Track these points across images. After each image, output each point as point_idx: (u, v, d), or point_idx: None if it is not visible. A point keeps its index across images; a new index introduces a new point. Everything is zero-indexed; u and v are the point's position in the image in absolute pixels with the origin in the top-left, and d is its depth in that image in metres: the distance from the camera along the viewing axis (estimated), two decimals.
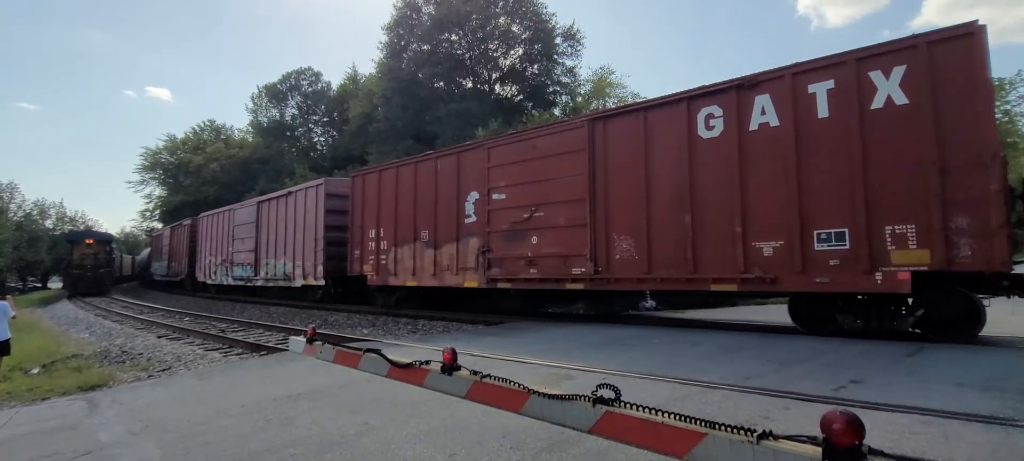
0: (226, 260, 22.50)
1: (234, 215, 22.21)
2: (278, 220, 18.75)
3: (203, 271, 25.14)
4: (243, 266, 20.95)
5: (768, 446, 1.28)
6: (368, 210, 14.21)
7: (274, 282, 18.87)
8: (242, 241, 21.22)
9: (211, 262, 24.20)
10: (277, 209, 18.89)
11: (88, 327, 14.30)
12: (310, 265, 16.55)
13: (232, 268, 21.82)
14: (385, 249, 13.60)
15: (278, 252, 18.63)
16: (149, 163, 43.81)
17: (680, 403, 4.15)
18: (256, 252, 20.08)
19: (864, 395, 4.18)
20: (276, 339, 9.93)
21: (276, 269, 18.75)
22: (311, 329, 3.60)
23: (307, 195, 17.14)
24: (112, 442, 3.94)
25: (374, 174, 14.35)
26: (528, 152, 10.59)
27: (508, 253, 10.68)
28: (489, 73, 29.68)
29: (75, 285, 29.47)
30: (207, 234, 25.01)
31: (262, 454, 3.47)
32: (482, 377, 2.20)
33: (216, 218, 24.28)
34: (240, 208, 22.18)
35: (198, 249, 26.03)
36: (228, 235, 22.36)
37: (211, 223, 24.70)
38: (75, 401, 5.49)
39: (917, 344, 6.52)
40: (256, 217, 20.25)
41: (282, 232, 18.42)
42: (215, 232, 24.01)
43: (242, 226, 21.24)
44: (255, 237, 20.16)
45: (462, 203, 11.64)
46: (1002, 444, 3.12)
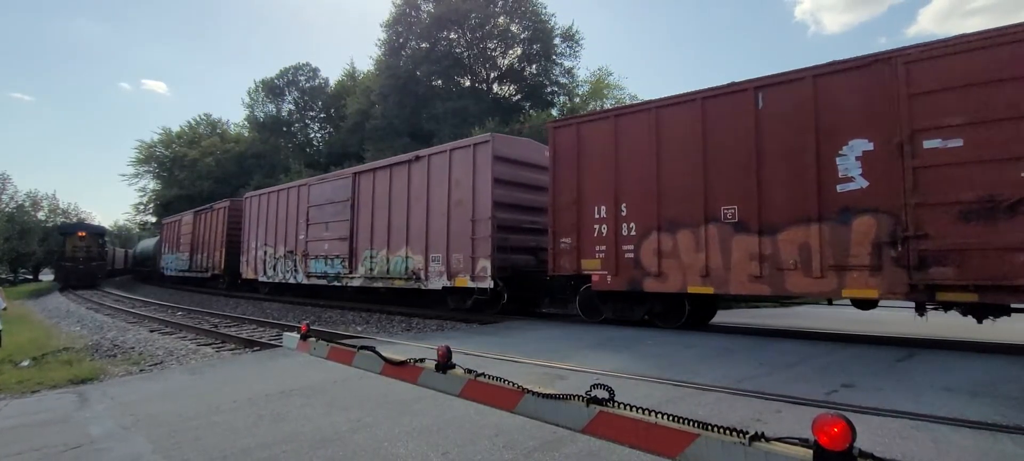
0: (292, 251, 17.32)
1: (307, 193, 16.88)
2: (395, 196, 13.51)
3: (252, 265, 19.82)
4: (327, 260, 15.68)
5: (759, 448, 1.29)
6: (593, 174, 9.59)
7: (386, 281, 13.64)
8: (323, 226, 15.92)
9: (266, 254, 18.86)
10: (393, 181, 13.63)
11: (79, 320, 14.21)
12: (462, 259, 11.65)
13: (307, 262, 16.52)
14: (630, 235, 9.10)
15: (394, 240, 13.41)
16: (143, 156, 43.57)
17: (673, 404, 4.17)
18: (352, 240, 14.72)
19: (855, 399, 4.21)
20: (270, 335, 9.89)
21: (391, 265, 13.43)
22: (305, 325, 3.59)
23: (454, 159, 12.08)
24: (102, 436, 3.92)
25: (606, 121, 9.61)
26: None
27: (977, 242, 6.26)
28: (487, 72, 29.68)
29: (67, 278, 29.26)
30: (258, 218, 19.59)
31: (254, 450, 3.46)
32: (476, 376, 2.20)
33: (272, 199, 18.94)
34: (318, 183, 16.80)
35: (243, 238, 20.62)
36: (295, 219, 17.23)
37: (264, 205, 19.33)
38: (65, 394, 5.46)
39: (909, 349, 6.57)
40: (352, 193, 14.81)
41: (402, 212, 13.19)
42: (271, 216, 18.74)
43: (324, 207, 15.97)
44: (350, 220, 14.78)
45: (828, 157, 7.35)
46: (990, 449, 3.15)
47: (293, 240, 17.30)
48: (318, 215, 16.20)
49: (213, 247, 23.52)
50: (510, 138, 12.85)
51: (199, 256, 25.13)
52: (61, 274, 30.16)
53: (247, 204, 20.71)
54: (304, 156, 36.96)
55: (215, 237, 23.44)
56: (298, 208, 17.14)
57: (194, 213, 26.42)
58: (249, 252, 20.23)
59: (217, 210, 23.73)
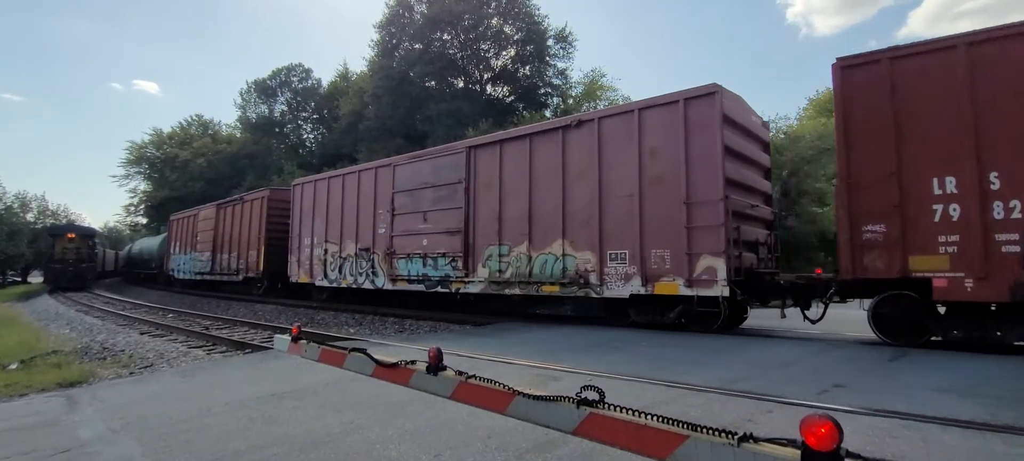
0: (368, 249, 13.68)
1: (391, 175, 13.06)
2: (539, 174, 10.25)
3: (305, 266, 15.98)
4: (427, 260, 12.04)
5: (748, 448, 1.30)
6: (924, 132, 6.80)
7: (526, 286, 10.31)
8: (418, 217, 12.27)
9: (326, 253, 15.06)
10: (534, 154, 10.34)
11: (69, 323, 14.08)
12: (669, 257, 8.59)
13: (393, 262, 12.81)
14: (1012, 218, 6.24)
15: (541, 232, 10.13)
16: (134, 157, 43.21)
17: (666, 406, 4.18)
18: (467, 234, 11.33)
19: (847, 399, 4.24)
20: (261, 337, 9.84)
21: (535, 265, 10.18)
22: (296, 327, 3.57)
23: (646, 122, 9.04)
24: (92, 439, 3.88)
25: (948, 53, 6.72)
26: None
27: None
28: (481, 73, 29.67)
29: (56, 280, 28.96)
30: (314, 210, 15.77)
31: (245, 452, 3.44)
32: (467, 377, 2.20)
33: (334, 185, 15.03)
34: (409, 162, 12.85)
35: (293, 234, 16.72)
36: (371, 209, 13.63)
37: (323, 193, 15.40)
38: (54, 397, 5.40)
39: (900, 350, 6.62)
40: (467, 172, 11.41)
41: (553, 195, 10.03)
42: (334, 206, 14.99)
43: (419, 192, 12.40)
44: (464, 207, 11.37)
45: None
46: (980, 449, 3.17)
47: (369, 235, 13.52)
48: (410, 202, 12.56)
49: (246, 245, 19.60)
50: (733, 94, 8.94)
51: (225, 256, 21.15)
52: (50, 276, 29.86)
53: (298, 193, 16.66)
54: (297, 157, 36.83)
55: (249, 233, 19.45)
56: (377, 195, 13.43)
57: (217, 207, 22.50)
58: (301, 251, 16.13)
59: (250, 202, 19.83)
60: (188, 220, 25.68)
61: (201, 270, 23.22)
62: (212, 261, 22.14)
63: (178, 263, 26.31)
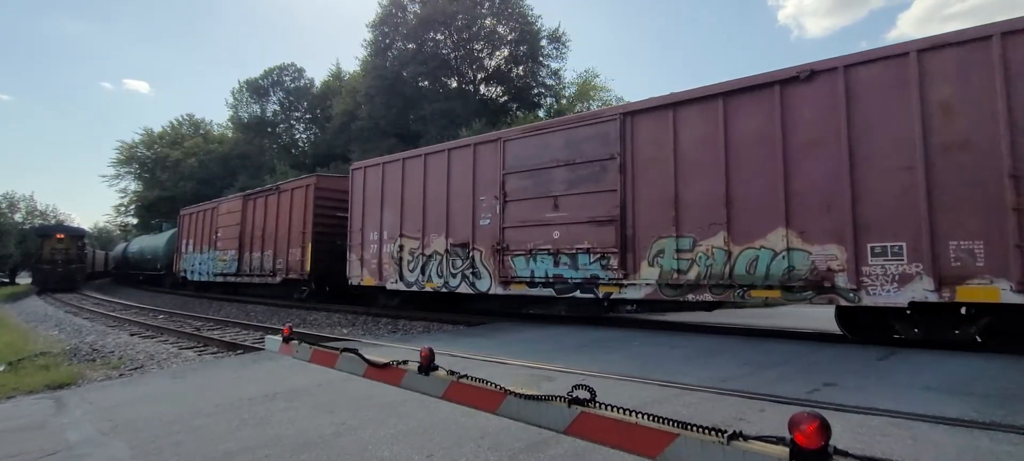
0: (465, 244, 10.98)
1: (500, 153, 10.56)
2: (737, 143, 8.03)
3: (371, 266, 12.95)
4: (559, 256, 9.56)
5: (738, 447, 1.30)
6: None
7: (721, 291, 8.02)
8: (547, 203, 9.77)
9: (402, 250, 12.22)
10: (730, 121, 8.11)
11: (58, 324, 13.94)
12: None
13: (504, 260, 10.28)
14: None
15: (744, 217, 7.88)
16: (125, 157, 42.87)
17: (658, 405, 4.19)
18: (623, 223, 8.92)
19: (836, 398, 4.27)
20: (252, 338, 9.78)
21: (737, 262, 7.91)
22: (288, 328, 3.56)
23: (928, 67, 6.78)
24: (80, 441, 3.84)
25: None
26: None
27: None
28: (474, 73, 29.66)
29: (45, 281, 28.67)
30: (382, 198, 12.86)
31: (236, 454, 3.42)
32: (459, 377, 2.20)
33: (413, 167, 12.25)
34: (529, 136, 10.32)
35: (353, 228, 13.55)
36: (469, 195, 10.95)
37: (395, 178, 12.62)
38: (42, 400, 5.34)
39: (889, 349, 6.68)
40: (622, 146, 9.02)
41: (765, 170, 7.77)
42: (412, 193, 12.16)
43: (545, 172, 9.89)
44: (619, 190, 8.98)
45: None
46: (967, 446, 3.21)
47: (466, 228, 10.90)
48: (531, 186, 10.01)
49: (284, 242, 16.75)
50: None
51: (256, 255, 18.24)
52: (39, 277, 29.55)
53: (359, 179, 13.63)
54: (289, 157, 36.62)
55: (289, 228, 16.56)
56: (477, 178, 10.84)
57: (243, 198, 19.61)
58: (365, 248, 13.16)
59: (290, 191, 16.97)
60: (204, 215, 22.75)
61: (223, 271, 20.22)
62: (238, 260, 19.17)
63: (192, 263, 23.25)
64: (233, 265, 19.49)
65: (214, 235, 21.30)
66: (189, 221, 24.32)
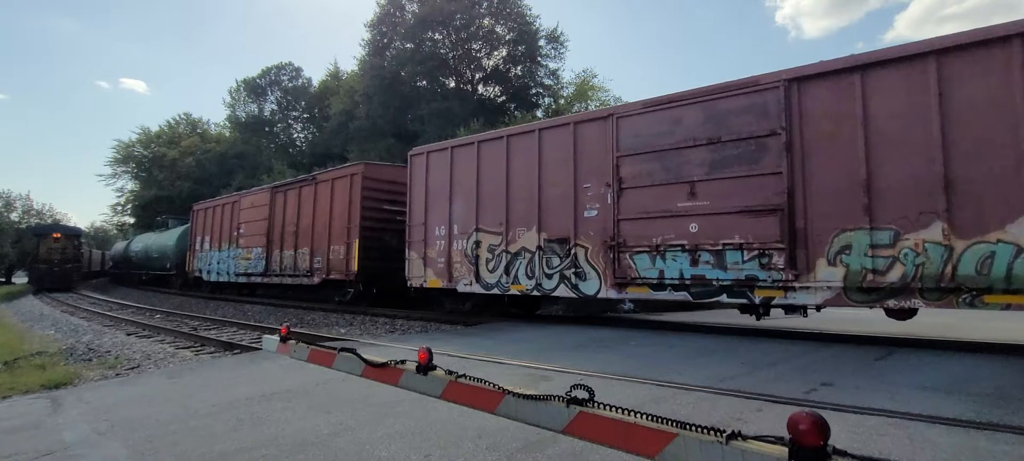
0: (564, 239, 9.55)
1: (613, 131, 9.02)
2: (957, 110, 6.35)
3: (436, 266, 11.45)
4: (697, 254, 8.17)
5: (737, 446, 1.30)
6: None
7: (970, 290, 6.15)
8: (682, 190, 8.34)
9: (478, 247, 10.71)
10: (945, 84, 6.39)
11: (54, 323, 13.88)
12: None
13: (620, 258, 8.83)
14: None
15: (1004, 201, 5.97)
16: (121, 156, 42.71)
17: (656, 404, 4.19)
18: (790, 212, 7.38)
19: (834, 397, 4.28)
20: (250, 338, 9.76)
21: (998, 259, 5.96)
22: (285, 327, 3.55)
23: None
24: (77, 442, 3.83)
25: None
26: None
27: None
28: (472, 73, 29.67)
29: (41, 280, 28.56)
30: (451, 188, 11.28)
31: (233, 454, 3.40)
32: (457, 377, 2.19)
33: (488, 152, 10.80)
34: (649, 111, 8.79)
35: (414, 221, 11.94)
36: (568, 182, 9.47)
37: (464, 163, 11.14)
38: (38, 400, 5.32)
39: (887, 349, 6.69)
40: (787, 119, 7.47)
41: None
42: (490, 182, 10.66)
43: (675, 153, 8.44)
44: (786, 170, 7.40)
45: None
46: (964, 445, 3.21)
47: (566, 220, 9.42)
48: (657, 170, 8.50)
49: (324, 238, 14.93)
50: None
51: (288, 253, 16.46)
52: (35, 276, 29.43)
53: (420, 165, 12.02)
54: (287, 156, 36.58)
55: (330, 223, 14.78)
56: (579, 161, 9.38)
57: (271, 190, 17.84)
58: (429, 244, 11.65)
59: (330, 181, 15.13)
60: (222, 209, 20.85)
61: (248, 271, 18.35)
62: (266, 259, 17.33)
63: (209, 262, 21.20)
64: (260, 264, 17.60)
65: (235, 231, 19.39)
66: (204, 217, 22.38)
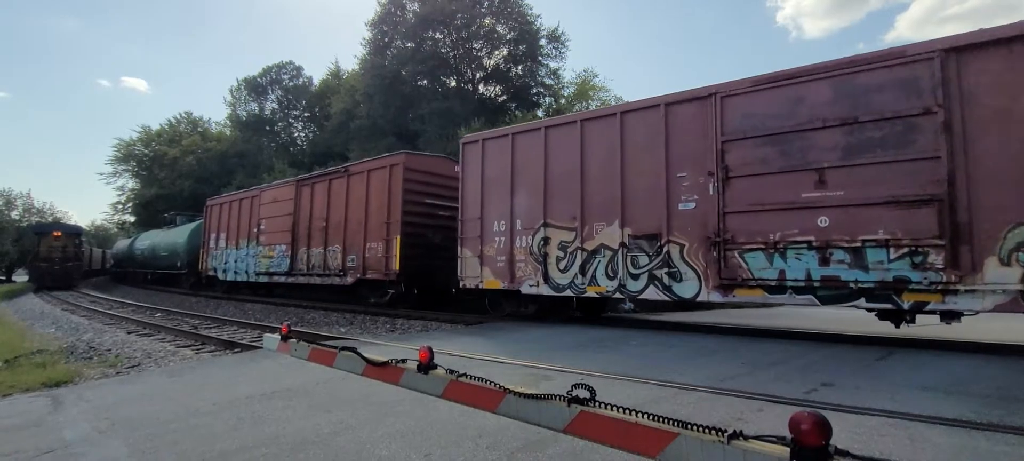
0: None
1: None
2: None
3: (510, 265, 10.35)
4: None
5: (738, 446, 1.30)
6: None
7: None
8: None
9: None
10: None
11: (54, 322, 13.89)
12: None
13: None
14: None
15: None
16: (122, 155, 42.80)
17: (656, 404, 4.19)
18: None
19: (834, 398, 4.27)
20: (250, 336, 9.76)
21: None
22: (285, 326, 3.55)
23: None
24: (77, 440, 3.83)
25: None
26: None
27: None
28: (473, 72, 29.67)
29: (41, 278, 28.58)
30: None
31: (234, 453, 3.40)
32: (458, 376, 2.19)
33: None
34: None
35: (476, 215, 10.86)
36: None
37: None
38: (39, 398, 5.32)
39: (887, 349, 6.69)
40: None
41: None
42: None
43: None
44: None
45: None
46: (965, 446, 3.21)
47: (656, 213, 8.45)
48: (772, 155, 7.54)
49: (359, 235, 13.88)
50: None
51: (315, 251, 15.40)
52: (35, 275, 29.45)
53: (475, 155, 11.03)
54: (288, 155, 36.61)
55: (366, 218, 13.73)
56: (671, 147, 8.41)
57: (296, 184, 16.73)
58: (486, 241, 10.61)
59: (364, 173, 14.07)
60: (239, 204, 19.64)
61: (270, 270, 17.20)
62: (291, 257, 16.24)
63: (225, 260, 20.04)
64: (284, 262, 16.46)
65: (255, 228, 18.24)
66: (218, 213, 21.11)
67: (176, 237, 26.30)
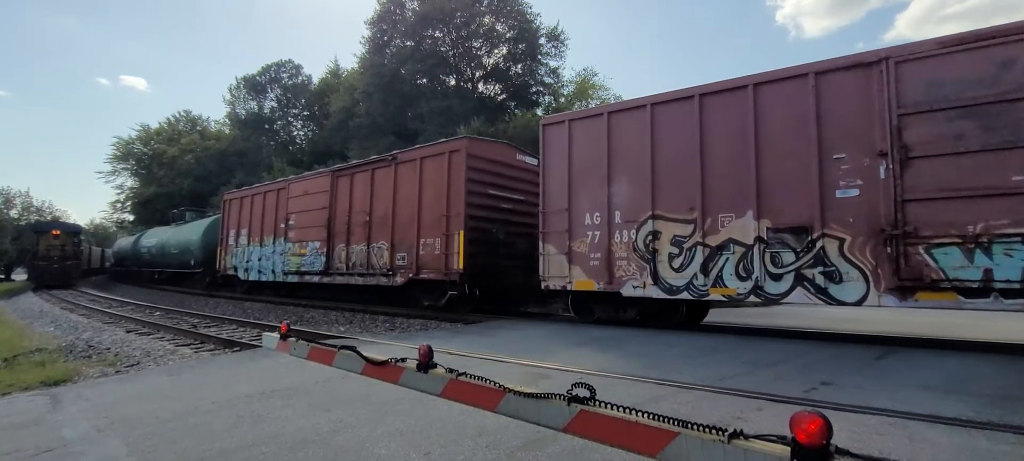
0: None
1: None
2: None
3: (607, 262, 9.10)
4: None
5: (738, 445, 1.30)
6: None
7: None
8: None
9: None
10: None
11: (53, 321, 13.88)
12: None
13: None
14: None
15: None
16: (121, 153, 42.79)
17: (656, 403, 4.19)
18: None
19: (834, 397, 4.27)
20: (250, 335, 9.76)
21: None
22: (285, 325, 3.54)
23: None
24: (76, 439, 3.82)
25: None
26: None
27: None
28: (472, 71, 29.65)
29: (41, 277, 28.55)
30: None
31: (233, 452, 3.40)
32: (458, 375, 2.19)
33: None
34: None
35: (562, 206, 9.66)
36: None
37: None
38: (38, 396, 5.31)
39: (886, 348, 6.69)
40: None
41: None
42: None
43: None
44: None
45: None
46: (964, 445, 3.21)
47: (807, 201, 7.38)
48: (969, 130, 6.39)
49: (411, 230, 12.48)
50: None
51: (356, 248, 13.98)
52: (34, 273, 29.43)
53: (559, 138, 9.80)
54: (287, 154, 36.59)
55: (417, 211, 12.34)
56: (825, 123, 7.34)
57: (332, 174, 15.20)
58: (575, 235, 9.43)
59: (416, 161, 12.63)
60: (263, 198, 18.07)
61: (302, 269, 15.77)
62: (327, 255, 14.84)
63: (246, 259, 18.48)
64: (318, 261, 15.06)
65: (282, 223, 16.81)
66: (238, 207, 19.54)
67: (189, 234, 24.56)
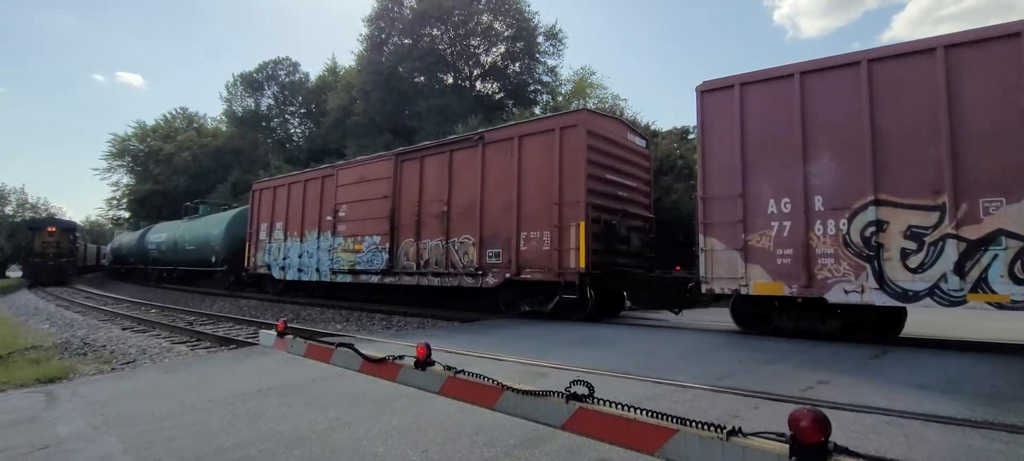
0: None
1: None
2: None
3: (806, 258, 7.30)
4: None
5: (737, 442, 1.30)
6: None
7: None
8: None
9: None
10: None
11: (49, 318, 13.82)
12: None
13: None
14: None
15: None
16: (117, 150, 42.56)
17: (653, 401, 4.19)
18: None
19: (830, 395, 4.29)
20: (246, 333, 9.74)
21: None
22: (282, 323, 3.53)
23: None
24: (71, 436, 3.81)
25: None
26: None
27: None
28: (470, 69, 29.63)
29: (36, 274, 28.46)
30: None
31: (230, 449, 3.39)
32: (455, 373, 2.18)
33: None
34: None
35: (738, 191, 7.82)
36: None
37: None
38: (33, 394, 5.29)
39: (882, 347, 6.71)
40: None
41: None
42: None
43: None
44: None
45: None
46: (959, 444, 3.22)
47: None
48: None
49: (507, 222, 10.73)
50: None
51: (429, 243, 12.14)
52: (30, 271, 29.33)
53: (725, 107, 8.09)
54: (284, 151, 36.48)
55: (516, 200, 10.58)
56: None
57: (395, 158, 13.21)
58: (750, 227, 7.77)
59: (513, 140, 10.88)
60: (304, 186, 15.90)
61: (357, 267, 13.78)
62: (390, 251, 12.87)
63: (283, 255, 16.43)
64: (377, 258, 13.16)
65: (329, 215, 14.77)
66: (271, 198, 17.34)
67: (209, 227, 21.81)
